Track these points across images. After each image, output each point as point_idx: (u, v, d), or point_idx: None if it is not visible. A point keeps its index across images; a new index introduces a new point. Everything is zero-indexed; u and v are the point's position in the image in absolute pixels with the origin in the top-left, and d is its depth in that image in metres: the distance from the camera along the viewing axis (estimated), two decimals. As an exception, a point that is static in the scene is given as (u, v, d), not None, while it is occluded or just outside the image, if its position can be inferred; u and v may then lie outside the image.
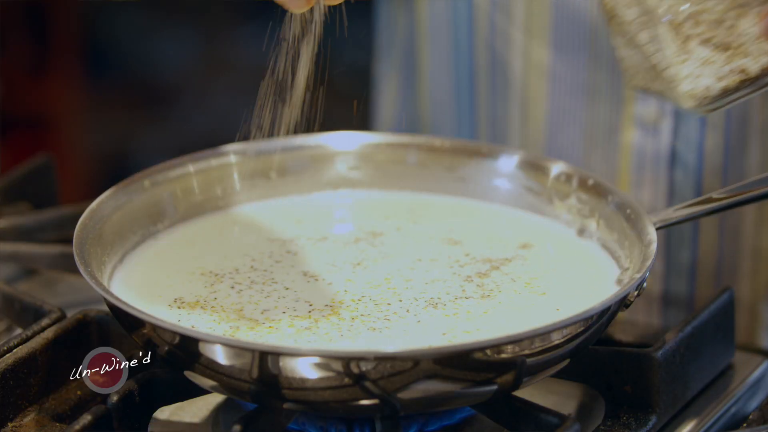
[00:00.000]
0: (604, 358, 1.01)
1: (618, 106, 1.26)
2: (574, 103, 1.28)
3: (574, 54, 1.26)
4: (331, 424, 0.97)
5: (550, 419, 0.93)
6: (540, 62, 1.28)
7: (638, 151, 1.26)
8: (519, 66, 1.29)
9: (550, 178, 1.13)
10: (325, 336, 0.96)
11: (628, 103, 1.25)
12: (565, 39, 1.26)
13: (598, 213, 1.09)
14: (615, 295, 0.95)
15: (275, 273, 1.06)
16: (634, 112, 1.25)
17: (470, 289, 1.03)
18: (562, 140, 1.29)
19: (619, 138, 1.27)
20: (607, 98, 1.26)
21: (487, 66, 1.31)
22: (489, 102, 1.32)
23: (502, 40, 1.29)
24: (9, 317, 1.11)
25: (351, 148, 1.19)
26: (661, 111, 1.24)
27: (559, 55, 1.27)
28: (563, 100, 1.28)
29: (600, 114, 1.27)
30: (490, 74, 1.31)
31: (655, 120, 1.25)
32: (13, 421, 0.99)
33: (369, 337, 0.96)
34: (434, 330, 0.98)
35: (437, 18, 1.34)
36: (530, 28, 1.27)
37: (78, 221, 1.03)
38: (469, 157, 1.17)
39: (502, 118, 1.32)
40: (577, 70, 1.27)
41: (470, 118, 1.34)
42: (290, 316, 0.99)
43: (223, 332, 0.97)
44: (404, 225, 1.14)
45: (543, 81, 1.29)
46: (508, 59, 1.30)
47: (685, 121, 1.24)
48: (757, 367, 1.09)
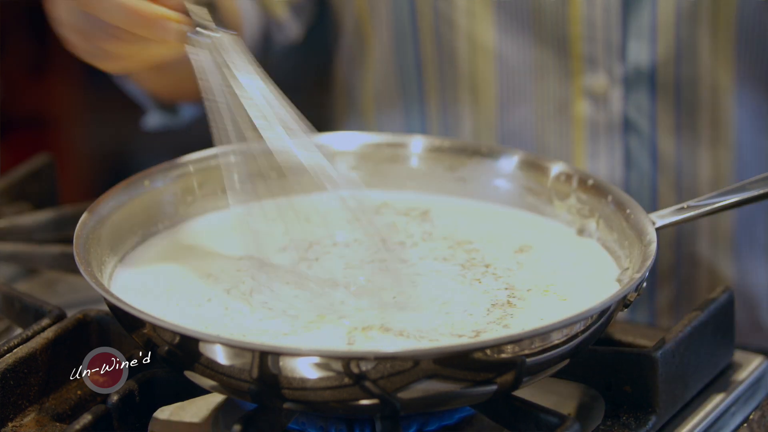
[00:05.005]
0: (604, 358, 1.01)
1: (566, 80, 1.27)
2: (523, 82, 1.29)
3: (519, 33, 1.27)
4: (331, 424, 0.97)
5: (549, 419, 0.94)
6: (486, 45, 1.28)
7: (591, 122, 1.28)
8: (465, 51, 1.30)
9: (550, 178, 1.13)
10: (331, 337, 0.97)
11: (577, 76, 1.27)
12: (509, 19, 1.27)
13: (597, 213, 1.09)
14: (615, 295, 0.95)
15: (275, 273, 1.06)
16: (583, 85, 1.27)
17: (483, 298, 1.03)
18: (514, 120, 1.30)
19: (570, 111, 1.28)
20: (555, 73, 1.28)
21: (434, 54, 1.32)
22: (438, 90, 1.32)
23: (446, 27, 1.29)
24: (9, 317, 1.11)
25: (351, 148, 1.19)
26: (610, 81, 1.26)
27: (504, 35, 1.27)
28: (512, 80, 1.29)
29: (549, 90, 1.28)
30: (437, 62, 1.32)
31: (605, 90, 1.26)
32: (13, 421, 0.99)
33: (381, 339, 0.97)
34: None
35: (379, 9, 1.34)
36: (473, 12, 1.28)
37: (78, 221, 1.03)
38: (469, 157, 1.17)
39: (452, 105, 1.32)
40: (523, 48, 1.28)
41: (420, 108, 1.35)
42: (290, 317, 0.99)
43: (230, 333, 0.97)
44: (405, 224, 1.14)
45: (490, 63, 1.29)
46: (454, 45, 1.30)
47: (636, 85, 1.25)
48: (757, 367, 1.09)
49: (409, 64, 1.34)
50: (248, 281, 1.04)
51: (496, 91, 1.29)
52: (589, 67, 1.26)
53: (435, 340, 0.95)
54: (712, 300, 1.06)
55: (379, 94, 1.37)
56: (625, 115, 1.27)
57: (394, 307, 0.99)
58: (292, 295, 1.02)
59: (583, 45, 1.26)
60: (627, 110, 1.27)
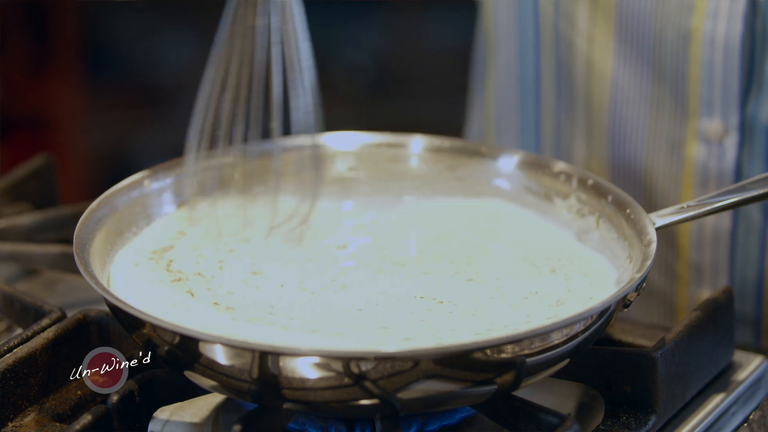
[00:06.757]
0: (603, 358, 1.01)
1: (681, 120, 1.22)
2: (637, 114, 1.25)
3: (638, 64, 1.23)
4: (331, 424, 0.97)
5: (549, 419, 0.94)
6: (603, 71, 1.25)
7: (702, 166, 1.22)
8: (582, 74, 1.27)
9: (550, 178, 1.13)
10: (333, 335, 0.97)
11: (692, 118, 1.22)
12: (629, 48, 1.23)
13: (598, 213, 1.09)
14: (615, 295, 0.95)
15: (276, 273, 1.06)
16: (698, 127, 1.22)
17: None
18: (624, 151, 1.26)
19: (682, 152, 1.23)
20: (671, 111, 1.23)
21: (552, 71, 1.30)
22: (554, 108, 1.30)
23: (566, 47, 1.27)
24: (9, 317, 1.11)
25: (351, 148, 1.19)
26: (726, 126, 1.21)
27: (622, 64, 1.24)
28: (626, 111, 1.25)
29: (663, 126, 1.24)
30: (554, 80, 1.30)
31: (720, 135, 1.21)
32: (13, 421, 0.99)
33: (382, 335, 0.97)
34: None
35: (503, 23, 1.33)
36: (593, 37, 1.25)
37: (78, 221, 1.03)
38: (469, 157, 1.17)
39: (566, 126, 1.30)
40: (641, 80, 1.24)
41: (535, 124, 1.32)
42: (290, 317, 0.99)
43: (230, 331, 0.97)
44: (405, 225, 1.14)
45: (606, 90, 1.26)
46: (571, 67, 1.28)
47: (752, 136, 1.21)
48: (757, 367, 1.09)
49: (529, 77, 1.32)
50: (249, 280, 1.04)
51: (609, 120, 1.26)
52: (705, 110, 1.21)
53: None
54: (712, 300, 1.06)
55: (500, 103, 1.36)
56: (738, 164, 1.22)
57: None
58: (291, 297, 1.02)
59: (701, 86, 1.21)
60: (741, 159, 1.22)
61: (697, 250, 1.24)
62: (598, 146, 1.28)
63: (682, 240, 1.24)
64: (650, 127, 1.24)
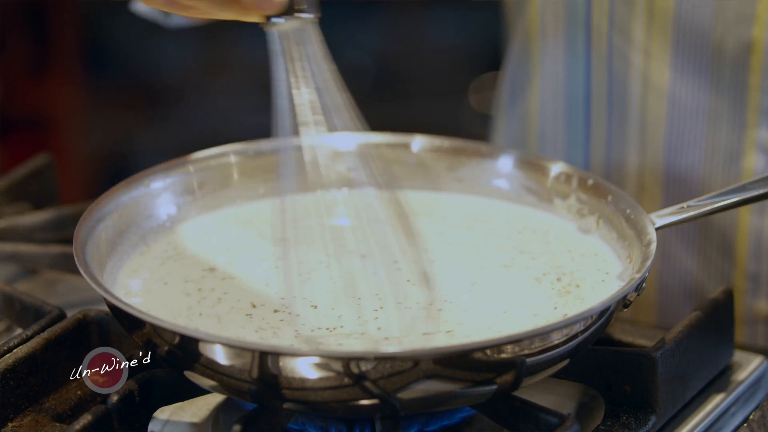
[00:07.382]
0: (603, 358, 1.01)
1: (740, 131, 1.22)
2: (694, 127, 1.24)
3: (696, 76, 1.22)
4: (331, 424, 0.97)
5: (549, 419, 0.94)
6: (660, 85, 1.24)
7: None
8: (637, 89, 1.26)
9: (550, 178, 1.13)
10: (341, 336, 0.97)
11: (751, 128, 1.21)
12: (686, 61, 1.22)
13: (597, 213, 1.09)
14: (615, 295, 0.95)
15: (276, 273, 1.06)
16: (757, 138, 1.21)
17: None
18: (681, 163, 1.25)
19: (740, 164, 1.23)
20: (729, 123, 1.22)
21: (604, 87, 1.28)
22: (604, 124, 1.29)
23: (620, 62, 1.26)
24: (9, 317, 1.11)
25: (351, 148, 1.18)
26: None
27: (680, 77, 1.23)
28: (683, 124, 1.24)
29: (721, 138, 1.23)
30: (606, 95, 1.28)
31: None
32: (13, 421, 0.99)
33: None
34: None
35: (551, 30, 1.32)
36: (650, 51, 1.24)
37: (78, 221, 1.03)
38: (469, 157, 1.17)
39: (618, 141, 1.29)
40: (699, 92, 1.23)
41: (584, 139, 1.31)
42: (294, 317, 0.99)
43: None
44: (403, 225, 1.14)
45: (663, 104, 1.25)
46: (626, 82, 1.26)
47: None
48: (757, 367, 1.09)
49: (578, 91, 1.31)
50: (249, 281, 1.04)
51: (666, 133, 1.25)
52: (764, 121, 1.20)
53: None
54: (712, 300, 1.06)
55: (544, 116, 1.34)
56: None
57: None
58: (291, 296, 1.02)
59: (761, 96, 1.20)
60: None
61: (755, 260, 1.24)
62: (652, 160, 1.27)
63: (739, 250, 1.24)
64: (708, 138, 1.23)
